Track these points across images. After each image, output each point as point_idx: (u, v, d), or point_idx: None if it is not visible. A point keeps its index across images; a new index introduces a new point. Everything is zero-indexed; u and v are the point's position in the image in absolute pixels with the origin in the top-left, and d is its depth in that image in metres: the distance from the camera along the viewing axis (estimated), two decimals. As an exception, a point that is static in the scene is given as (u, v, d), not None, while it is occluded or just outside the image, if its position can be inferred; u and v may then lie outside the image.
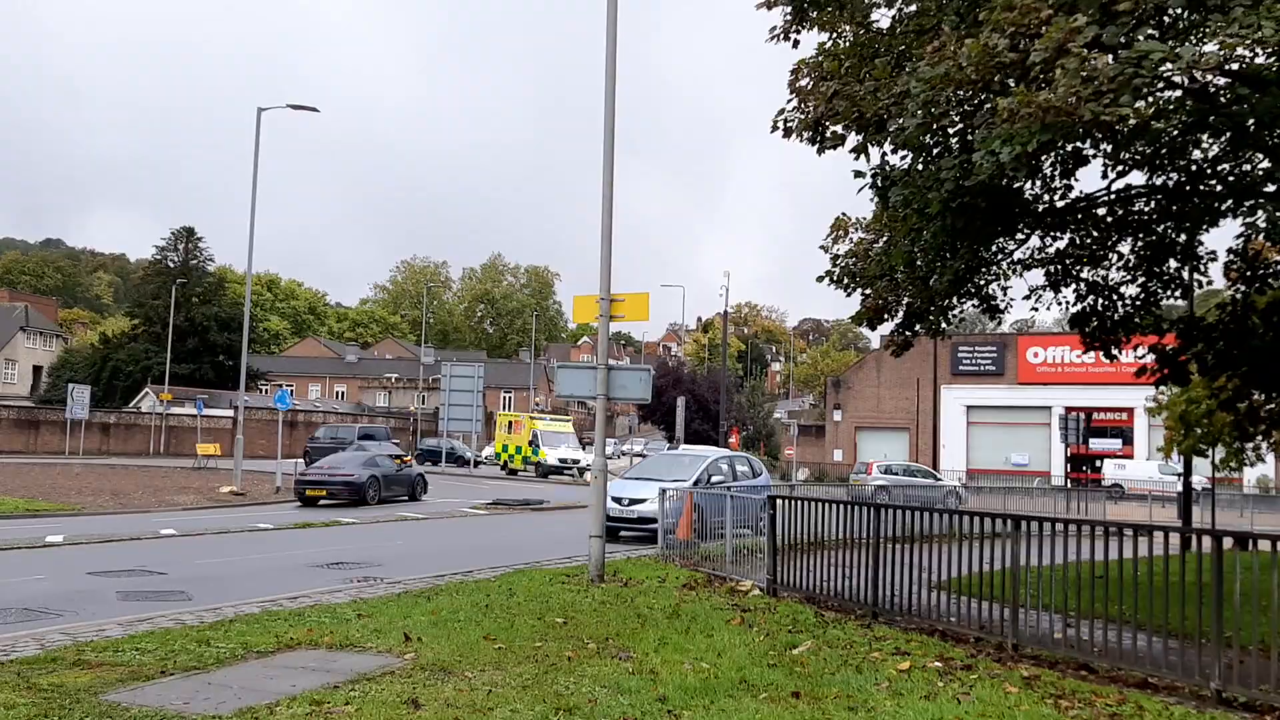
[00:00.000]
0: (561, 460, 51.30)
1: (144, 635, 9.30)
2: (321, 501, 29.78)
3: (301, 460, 48.95)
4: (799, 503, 13.66)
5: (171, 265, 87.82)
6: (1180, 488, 40.56)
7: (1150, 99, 12.37)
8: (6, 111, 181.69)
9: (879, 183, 12.62)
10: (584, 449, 54.48)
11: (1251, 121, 11.30)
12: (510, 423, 55.90)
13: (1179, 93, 12.59)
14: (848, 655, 9.24)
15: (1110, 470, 52.33)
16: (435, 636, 9.41)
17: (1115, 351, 16.06)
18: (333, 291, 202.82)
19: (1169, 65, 9.35)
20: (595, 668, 8.40)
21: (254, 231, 33.39)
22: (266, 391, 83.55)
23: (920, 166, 11.99)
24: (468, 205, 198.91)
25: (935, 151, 11.91)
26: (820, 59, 13.17)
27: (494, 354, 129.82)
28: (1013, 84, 9.66)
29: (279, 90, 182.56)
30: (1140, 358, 16.44)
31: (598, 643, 9.45)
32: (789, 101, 13.56)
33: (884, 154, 13.41)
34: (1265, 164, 14.33)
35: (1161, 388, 24.82)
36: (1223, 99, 11.49)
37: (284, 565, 16.06)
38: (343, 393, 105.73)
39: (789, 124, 13.55)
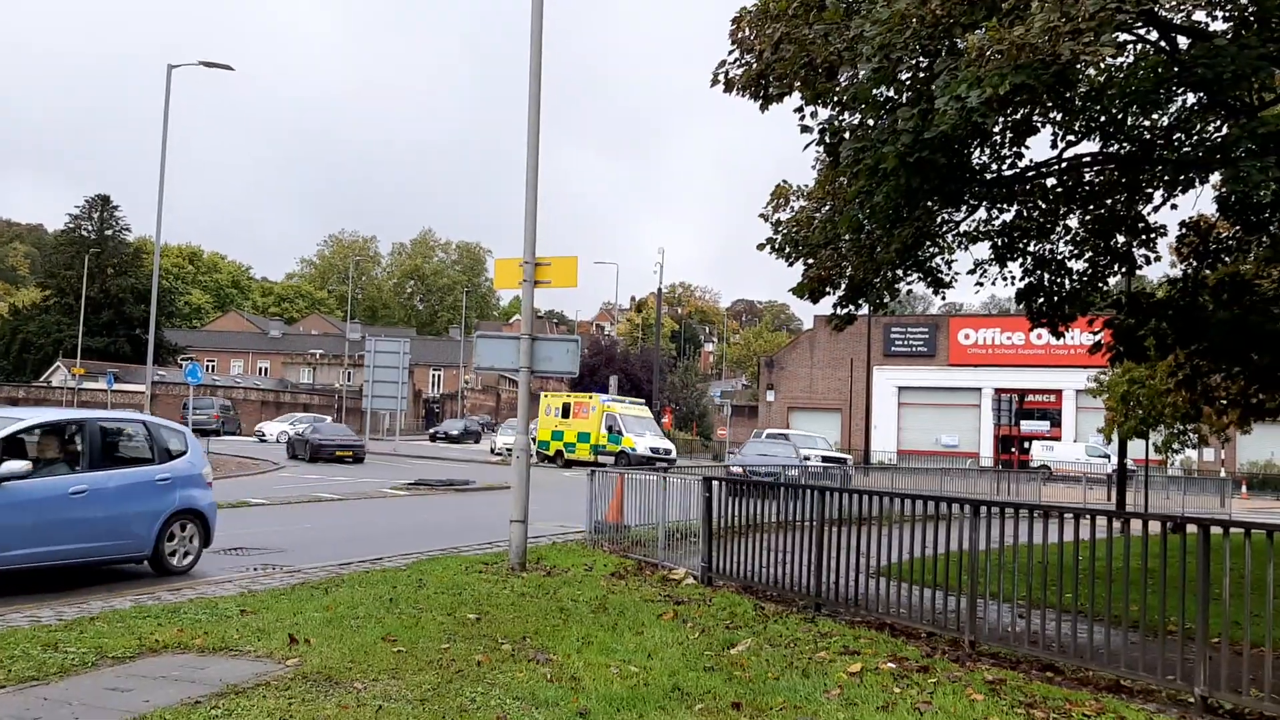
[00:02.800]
0: (653, 450, 42.80)
1: (-18, 638, 8.04)
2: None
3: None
4: (738, 485, 12.73)
5: (86, 235, 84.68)
6: (1109, 469, 40.70)
7: (1125, 47, 11.66)
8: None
9: (828, 138, 11.67)
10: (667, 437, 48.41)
11: (1215, 82, 10.53)
12: (566, 405, 45.85)
13: (1150, 48, 11.90)
14: (792, 655, 8.30)
15: (1038, 452, 52.52)
16: (327, 638, 8.26)
17: (1062, 329, 15.41)
18: (258, 265, 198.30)
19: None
20: (508, 674, 7.35)
21: (163, 196, 31.64)
22: (184, 365, 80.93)
23: (872, 122, 11.07)
24: (398, 179, 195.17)
25: (889, 107, 11.01)
26: (766, 1, 12.15)
27: (424, 331, 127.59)
28: (982, 20, 8.74)
29: (202, 53, 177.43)
30: (1095, 334, 15.80)
31: (514, 643, 8.40)
32: (730, 53, 12.55)
33: (833, 115, 12.53)
34: (1224, 130, 13.77)
35: (1105, 370, 24.59)
36: (1187, 57, 10.79)
37: (177, 551, 14.71)
38: (266, 369, 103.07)
39: (730, 77, 12.55)
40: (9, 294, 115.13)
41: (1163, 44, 11.82)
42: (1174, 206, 14.35)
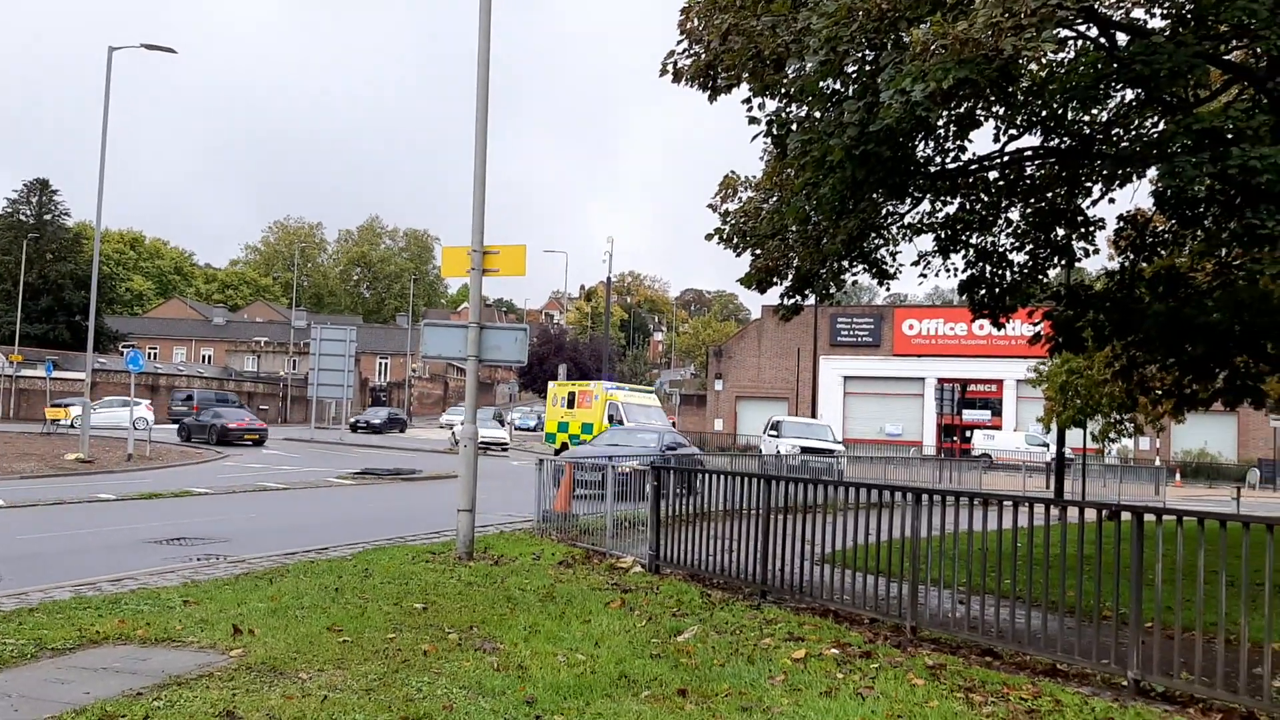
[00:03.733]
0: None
1: (-83, 630, 7.88)
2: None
3: (172, 426, 46.66)
4: (684, 474, 12.80)
5: (24, 219, 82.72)
6: (1048, 458, 41.42)
7: (1066, 43, 11.85)
8: None
9: (775, 130, 11.75)
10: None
11: (1152, 78, 10.75)
12: (572, 395, 42.23)
13: (1090, 45, 12.11)
14: (737, 642, 8.39)
15: (980, 441, 53.37)
16: (271, 628, 8.20)
17: (1003, 320, 15.67)
18: (201, 252, 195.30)
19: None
20: (455, 663, 7.35)
21: (104, 180, 30.93)
22: (125, 353, 79.50)
23: (819, 114, 11.16)
24: (345, 166, 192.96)
25: (835, 100, 11.11)
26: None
27: (370, 318, 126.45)
28: (927, 15, 8.85)
29: (149, 38, 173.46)
30: (1035, 325, 16.06)
31: (460, 632, 8.41)
32: (679, 43, 12.58)
33: (780, 107, 12.62)
34: (1161, 126, 14.05)
35: (1044, 361, 25.04)
36: (1125, 54, 11.00)
37: (118, 541, 14.49)
38: (209, 356, 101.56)
39: (679, 68, 12.59)
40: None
41: (1102, 40, 12.04)
42: (1112, 200, 14.64)
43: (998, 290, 15.22)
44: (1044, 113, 13.11)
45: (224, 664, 7.10)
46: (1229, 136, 10.53)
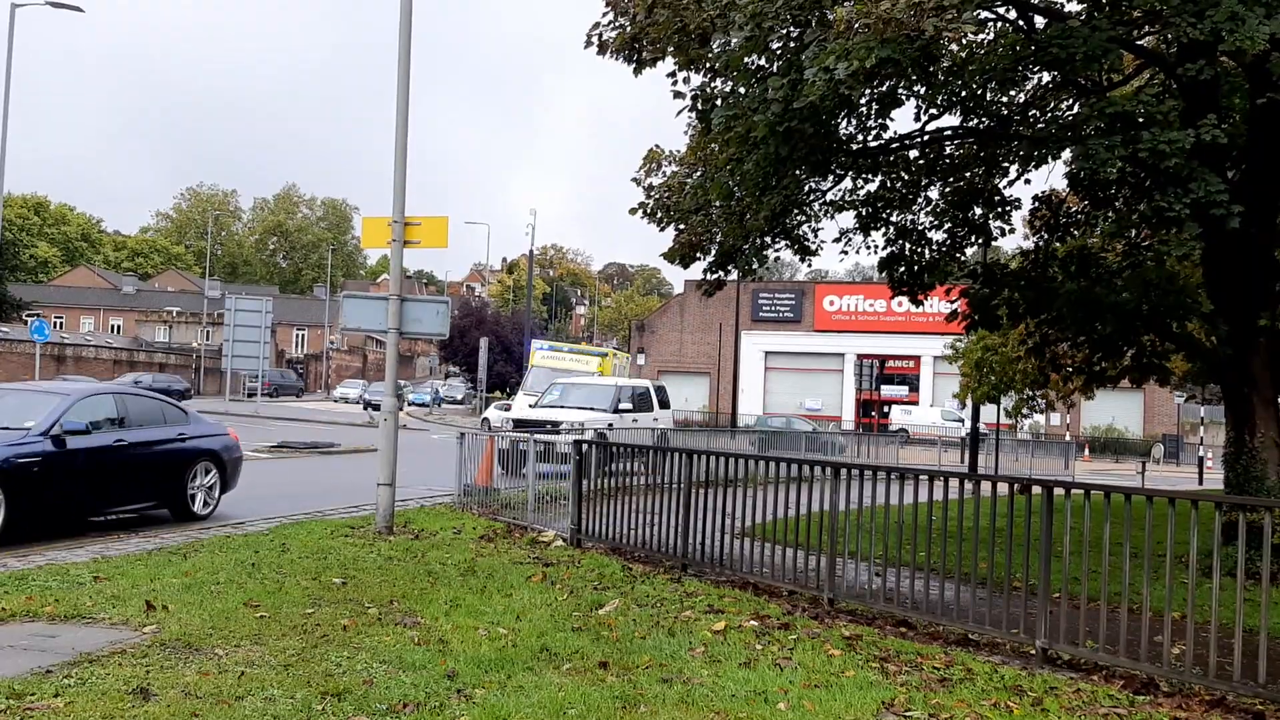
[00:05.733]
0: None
1: None
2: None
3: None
4: (607, 448, 12.83)
5: (-83, 182, 79.38)
6: (962, 433, 42.35)
7: (986, 25, 12.03)
8: None
9: (700, 104, 11.77)
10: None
11: (1068, 62, 10.98)
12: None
13: (1010, 27, 12.31)
14: (658, 615, 8.46)
15: (897, 416, 54.34)
16: (186, 604, 8.05)
17: (921, 297, 15.95)
18: (110, 218, 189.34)
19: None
20: (375, 638, 7.30)
21: (5, 143, 29.91)
22: (29, 323, 77.10)
23: (744, 90, 11.20)
24: (260, 132, 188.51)
25: (760, 76, 11.16)
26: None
27: (287, 289, 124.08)
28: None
29: None
30: (952, 303, 16.36)
31: (380, 607, 8.34)
32: (604, 15, 12.53)
33: (705, 81, 12.64)
34: (1075, 109, 14.38)
35: (960, 338, 25.54)
36: (1043, 37, 11.22)
37: (23, 516, 14.08)
38: (118, 326, 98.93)
39: (604, 40, 12.53)
40: None
41: (1021, 23, 12.26)
42: (1028, 181, 14.99)
43: (917, 268, 15.49)
44: (964, 93, 13.32)
45: (137, 641, 6.95)
46: (1140, 120, 10.82)
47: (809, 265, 16.36)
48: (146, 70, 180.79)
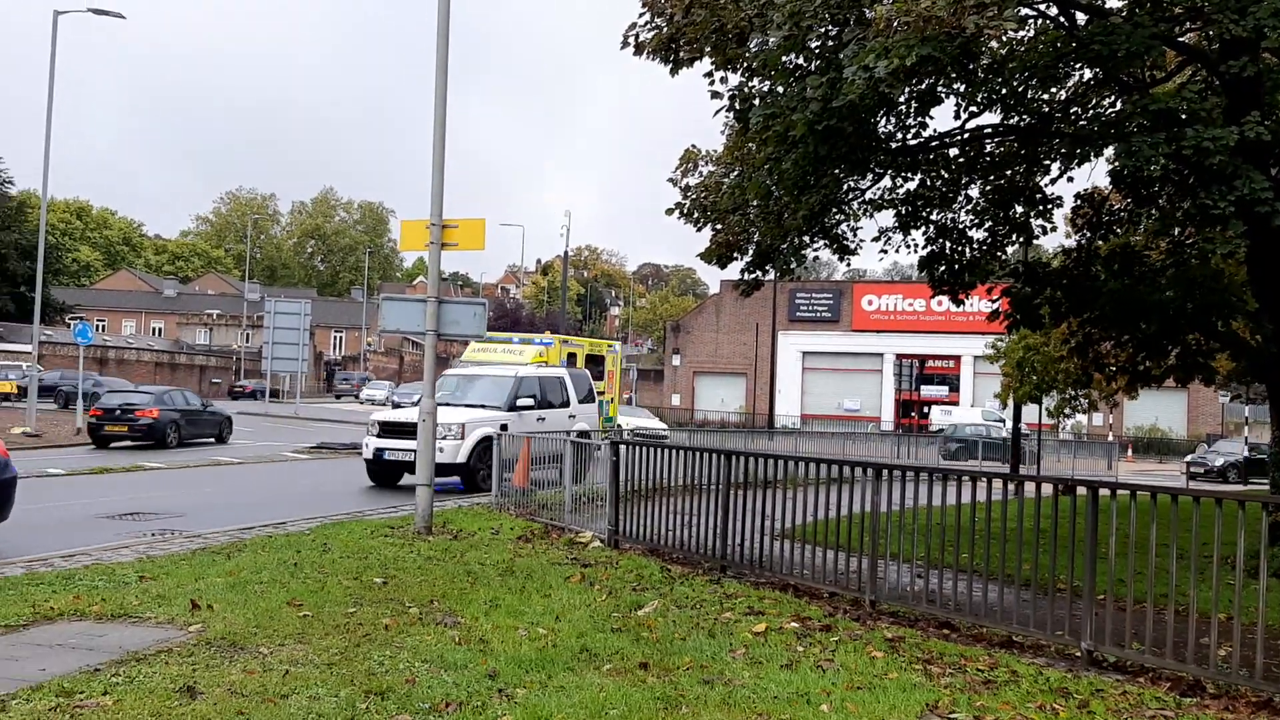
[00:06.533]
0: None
1: None
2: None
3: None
4: (644, 449, 12.82)
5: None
6: (1004, 434, 41.99)
7: (1027, 22, 11.92)
8: None
9: (738, 104, 11.73)
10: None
11: (1110, 59, 10.84)
12: (572, 355, 30.06)
13: (1050, 23, 12.19)
14: (698, 616, 8.44)
15: (937, 416, 53.92)
16: (230, 603, 8.13)
17: (962, 296, 15.82)
18: (151, 222, 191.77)
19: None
20: (416, 637, 7.33)
21: (50, 148, 30.32)
22: (73, 326, 78.26)
23: (782, 89, 11.16)
24: (298, 136, 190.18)
25: (798, 75, 11.12)
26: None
27: (325, 292, 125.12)
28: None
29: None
30: (993, 302, 16.21)
31: (421, 606, 8.38)
32: (641, 15, 12.51)
33: (743, 81, 12.60)
34: (1118, 106, 14.21)
35: (1002, 337, 25.32)
36: (1084, 33, 11.10)
37: (70, 517, 14.31)
38: (160, 329, 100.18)
39: (640, 40, 12.52)
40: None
41: (1062, 20, 12.13)
42: (1070, 179, 14.77)
43: (957, 267, 15.35)
44: (1004, 90, 13.19)
45: (183, 639, 7.03)
46: (1183, 117, 10.67)
47: (848, 264, 16.27)
48: (186, 76, 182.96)
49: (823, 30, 10.44)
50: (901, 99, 12.26)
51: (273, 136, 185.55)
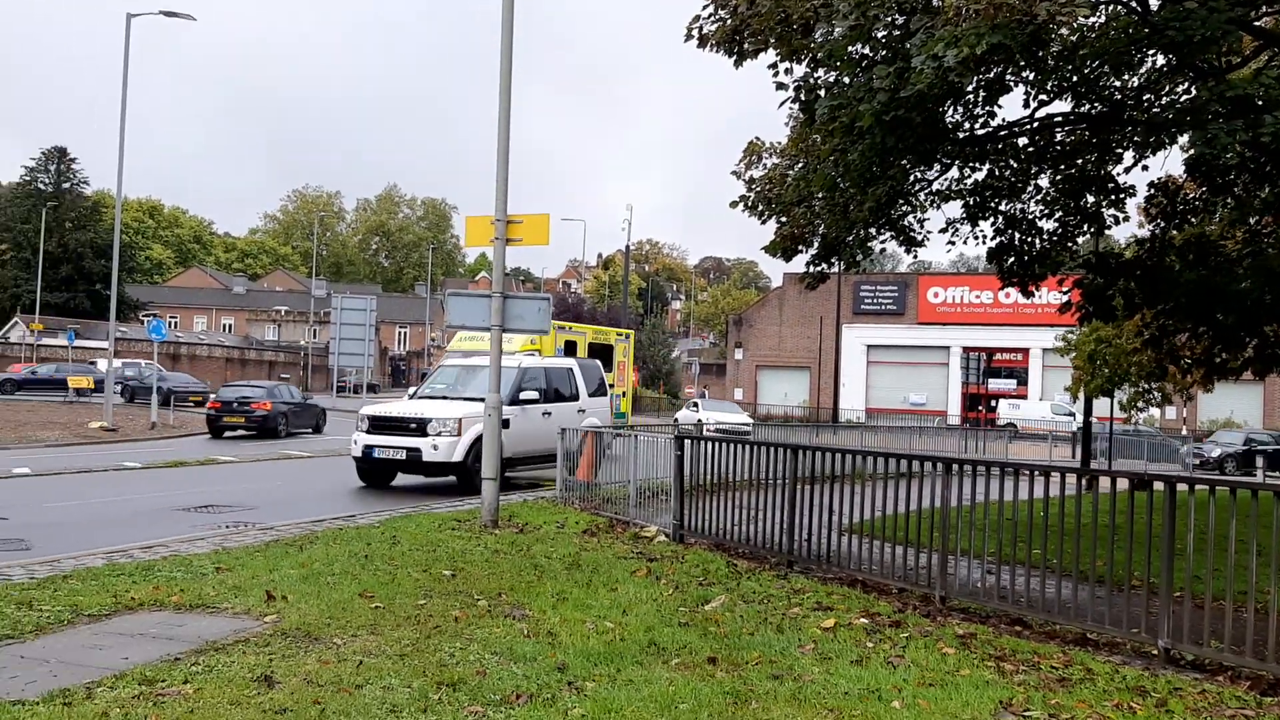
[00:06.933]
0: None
1: (-46, 596, 7.97)
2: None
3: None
4: (708, 444, 12.80)
5: (43, 188, 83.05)
6: (1073, 427, 41.26)
7: (1098, 8, 11.68)
8: None
9: (803, 95, 11.65)
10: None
11: (1185, 44, 10.58)
12: (571, 343, 28.28)
13: (1122, 9, 11.94)
14: (765, 611, 8.41)
15: (1005, 410, 53.18)
16: (304, 594, 8.27)
17: (1031, 288, 15.57)
18: (220, 220, 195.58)
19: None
20: (486, 630, 7.40)
21: (124, 150, 31.08)
22: (146, 322, 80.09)
23: (848, 80, 11.05)
24: (362, 134, 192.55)
25: (865, 65, 11.00)
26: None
27: (389, 288, 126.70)
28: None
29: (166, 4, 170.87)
30: (1064, 294, 15.93)
31: (489, 599, 8.45)
32: (705, 8, 12.47)
33: (808, 72, 12.50)
34: (1193, 92, 13.87)
35: (1072, 329, 24.86)
36: (1158, 19, 10.84)
37: (146, 509, 14.66)
38: (230, 325, 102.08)
39: (704, 33, 12.48)
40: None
41: (1134, 4, 11.86)
42: (1145, 168, 14.45)
43: (1027, 258, 15.11)
44: (1074, 78, 12.94)
45: (259, 629, 7.17)
46: (1260, 104, 10.38)
47: (914, 256, 16.07)
48: (249, 75, 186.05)
49: (889, 20, 10.32)
50: (969, 88, 12.09)
51: (338, 134, 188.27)
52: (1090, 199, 14.95)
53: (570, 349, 26.69)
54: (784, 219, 13.93)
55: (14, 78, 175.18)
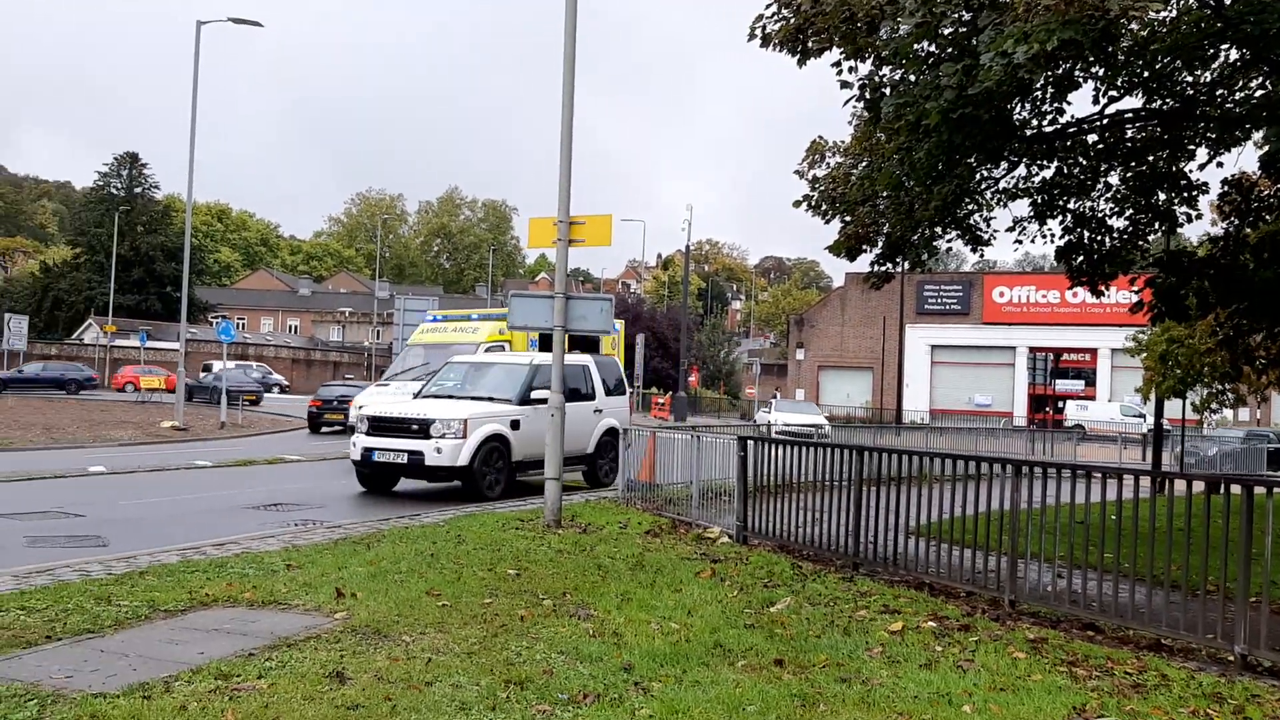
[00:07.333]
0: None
1: (37, 591, 8.16)
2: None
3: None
4: (772, 445, 12.75)
5: (115, 192, 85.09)
6: (1144, 429, 40.46)
7: (1170, 2, 11.45)
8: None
9: (868, 93, 11.55)
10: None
11: (1260, 39, 10.33)
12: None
13: (1195, 2, 11.69)
14: (832, 614, 8.35)
15: (1072, 411, 52.26)
16: (372, 591, 8.38)
17: (1101, 287, 15.30)
18: (285, 223, 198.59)
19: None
20: (551, 629, 7.44)
21: (194, 155, 31.71)
22: (215, 323, 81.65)
23: (914, 78, 10.94)
24: (423, 137, 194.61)
25: (931, 63, 10.88)
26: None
27: (451, 289, 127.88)
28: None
29: (220, 6, 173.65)
30: (1135, 293, 15.62)
31: (554, 599, 8.49)
32: (768, 7, 12.41)
33: (873, 70, 12.40)
34: (1267, 88, 13.52)
35: (1143, 329, 24.38)
36: (1232, 12, 10.60)
37: (217, 507, 14.94)
38: (295, 326, 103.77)
39: (768, 32, 12.42)
40: (39, 251, 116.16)
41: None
42: (1220, 164, 14.13)
43: (1096, 256, 14.85)
44: (1145, 73, 12.70)
45: (329, 626, 7.27)
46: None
47: (981, 255, 15.86)
48: (311, 79, 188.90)
49: (956, 16, 10.20)
50: (1037, 85, 11.92)
51: (399, 138, 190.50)
52: (1161, 196, 14.66)
53: (546, 338, 23.14)
54: (848, 218, 13.83)
55: (89, 87, 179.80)
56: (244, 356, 70.57)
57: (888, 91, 11.32)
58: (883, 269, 14.45)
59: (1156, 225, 15.02)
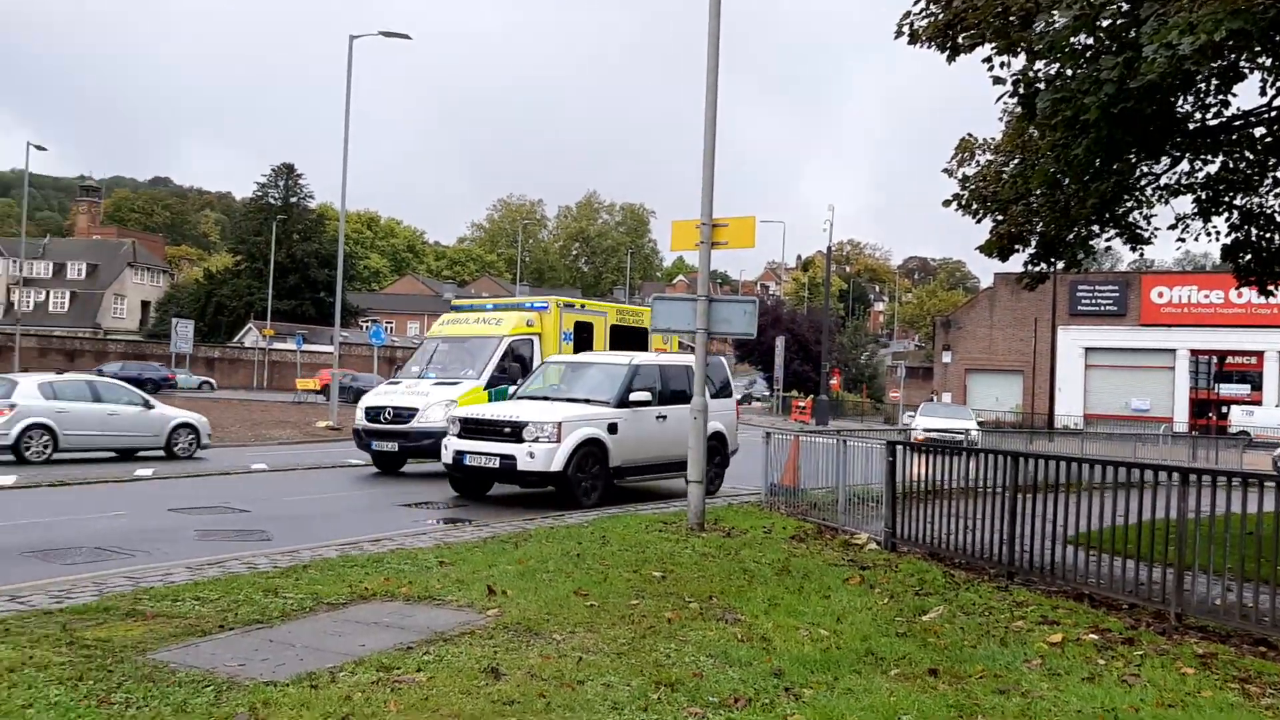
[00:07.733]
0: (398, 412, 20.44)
1: (209, 582, 8.60)
2: None
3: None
4: (921, 451, 12.48)
5: (272, 202, 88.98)
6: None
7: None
8: (98, 39, 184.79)
9: (1022, 89, 11.22)
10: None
11: None
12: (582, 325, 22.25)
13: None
14: (987, 624, 8.13)
15: (1237, 417, 49.62)
16: (522, 590, 8.54)
17: (1271, 287, 14.54)
18: (430, 230, 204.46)
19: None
20: (699, 632, 7.44)
21: (347, 166, 32.85)
22: (365, 328, 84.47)
23: (1071, 72, 10.58)
24: (563, 142, 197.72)
25: (1089, 56, 10.50)
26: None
27: (589, 292, 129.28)
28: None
29: (368, 19, 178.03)
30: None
31: (700, 602, 8.49)
32: (916, 3, 12.20)
33: (1026, 65, 12.05)
34: None
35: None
36: None
37: (370, 504, 15.47)
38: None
39: (915, 28, 12.20)
40: (202, 259, 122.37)
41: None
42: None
43: (1265, 255, 14.12)
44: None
45: (482, 623, 7.44)
46: None
47: (1140, 254, 15.24)
48: (452, 87, 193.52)
49: (1115, 8, 9.83)
50: (1200, 77, 11.40)
51: (540, 144, 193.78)
52: (1339, 192, 13.84)
53: (583, 332, 21.87)
54: (1000, 217, 13.46)
55: (248, 101, 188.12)
56: (392, 359, 72.69)
57: (1042, 87, 10.97)
58: (1037, 269, 14.03)
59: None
